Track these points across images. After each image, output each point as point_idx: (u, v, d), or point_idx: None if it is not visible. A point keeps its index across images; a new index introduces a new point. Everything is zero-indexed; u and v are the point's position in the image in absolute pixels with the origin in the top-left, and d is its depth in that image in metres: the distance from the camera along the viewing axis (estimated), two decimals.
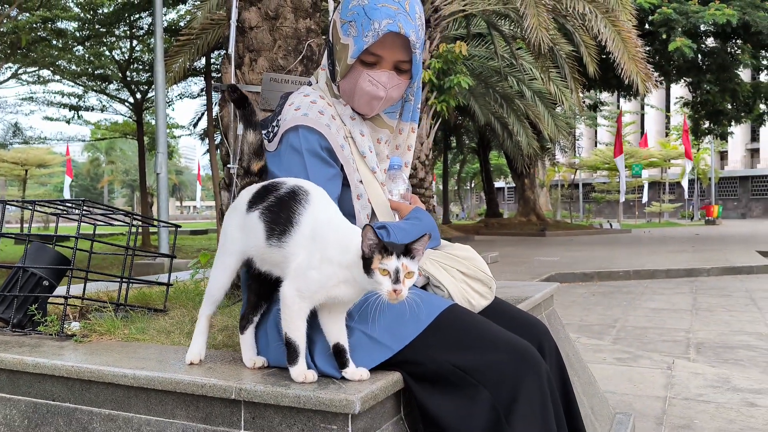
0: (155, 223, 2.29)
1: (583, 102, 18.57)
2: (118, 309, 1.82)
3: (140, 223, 1.96)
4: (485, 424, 1.22)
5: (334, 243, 1.21)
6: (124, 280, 1.88)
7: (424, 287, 1.47)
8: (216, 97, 15.32)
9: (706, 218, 32.23)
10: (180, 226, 2.13)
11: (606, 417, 2.45)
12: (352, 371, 1.22)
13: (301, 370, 1.22)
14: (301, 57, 2.16)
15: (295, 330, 1.21)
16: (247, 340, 1.36)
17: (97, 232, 1.98)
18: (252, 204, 1.31)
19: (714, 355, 4.47)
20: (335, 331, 1.25)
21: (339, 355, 1.24)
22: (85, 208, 1.77)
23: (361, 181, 1.49)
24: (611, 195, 34.23)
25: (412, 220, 1.46)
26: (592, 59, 10.45)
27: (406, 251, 1.16)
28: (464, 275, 1.45)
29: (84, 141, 28.94)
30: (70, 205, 1.88)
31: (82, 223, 1.81)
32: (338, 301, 1.23)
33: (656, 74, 15.16)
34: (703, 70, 15.85)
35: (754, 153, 55.56)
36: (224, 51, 2.21)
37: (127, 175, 56.82)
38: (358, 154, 1.50)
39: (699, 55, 15.26)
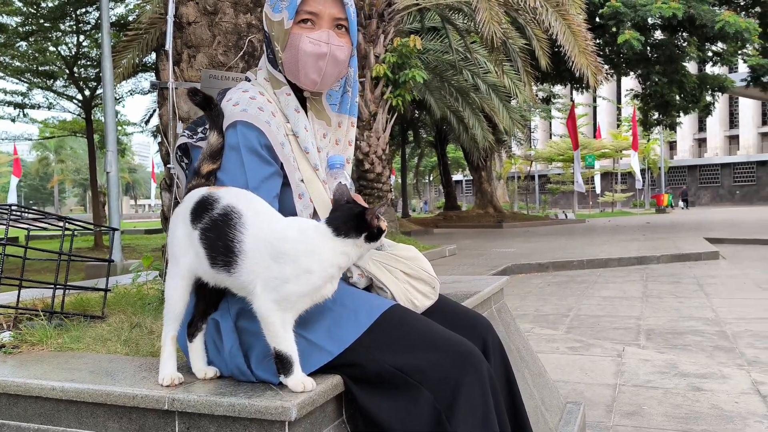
0: (92, 227, 2.21)
1: (537, 95, 18.84)
2: (52, 317, 1.74)
3: (75, 227, 1.89)
4: (427, 425, 1.20)
5: (305, 252, 1.18)
6: (58, 286, 1.80)
7: (367, 288, 1.45)
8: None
9: (657, 207, 33.14)
10: (118, 229, 2.06)
11: (556, 407, 2.47)
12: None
13: (298, 380, 1.17)
14: (242, 53, 2.11)
15: (284, 341, 1.17)
16: (196, 349, 1.30)
17: (45, 236, 1.89)
18: (194, 218, 1.25)
19: (663, 341, 4.59)
20: None
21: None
22: (14, 212, 1.69)
23: (302, 180, 1.45)
24: (566, 186, 34.90)
25: None
26: (544, 53, 10.58)
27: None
28: (407, 276, 1.43)
29: (31, 140, 27.99)
30: None
31: (19, 228, 1.74)
32: (322, 299, 1.22)
33: (606, 67, 15.50)
34: (651, 62, 16.25)
35: (701, 143, 57.44)
36: (162, 47, 2.14)
37: (78, 174, 55.37)
38: (300, 151, 1.47)
39: (647, 48, 15.63)
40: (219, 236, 1.20)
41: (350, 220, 1.21)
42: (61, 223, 1.80)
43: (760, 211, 31.69)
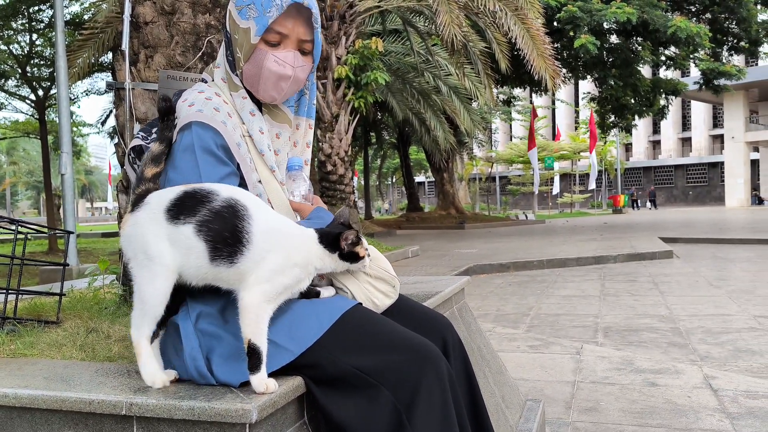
0: (46, 230, 2.15)
1: (497, 97, 19.07)
2: (4, 323, 1.70)
3: (28, 230, 1.84)
4: (387, 426, 1.21)
5: (296, 247, 1.27)
6: (10, 291, 1.75)
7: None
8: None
9: (614, 207, 33.89)
10: (73, 233, 2.01)
11: (517, 404, 2.51)
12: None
13: (262, 380, 1.18)
14: (200, 54, 2.08)
15: (261, 335, 1.20)
16: (153, 353, 1.29)
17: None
18: (176, 215, 1.24)
19: (620, 338, 4.69)
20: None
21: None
22: None
23: (260, 181, 1.45)
24: (526, 187, 35.42)
25: (314, 219, 1.44)
26: (504, 56, 10.72)
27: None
28: (368, 276, 1.44)
29: None
30: None
31: None
32: (295, 295, 1.29)
33: (564, 71, 15.80)
34: (607, 66, 16.63)
35: (655, 145, 59.01)
36: (119, 47, 2.10)
37: (32, 176, 53.85)
38: (256, 153, 1.47)
39: (603, 52, 16.00)
40: (225, 227, 1.22)
41: (332, 236, 1.33)
42: (13, 227, 1.76)
43: (712, 211, 32.73)
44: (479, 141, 27.97)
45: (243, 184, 1.42)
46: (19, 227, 1.77)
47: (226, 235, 1.21)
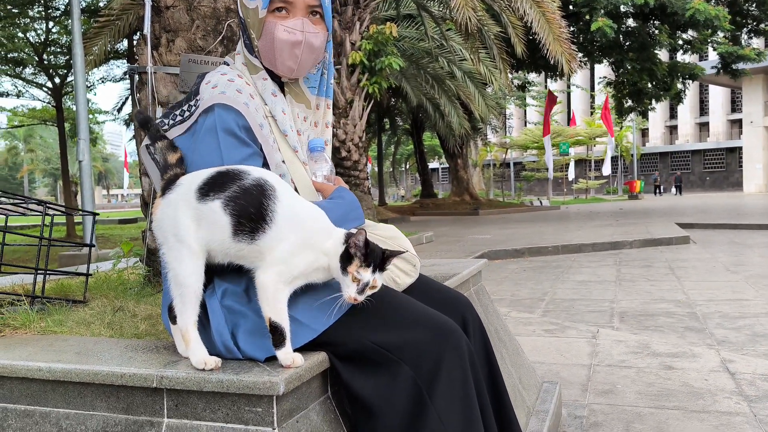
0: (72, 211, 2.20)
1: (512, 82, 18.93)
2: (34, 302, 1.74)
3: (55, 211, 1.88)
4: (408, 401, 1.24)
5: (317, 232, 1.28)
6: (39, 271, 1.79)
7: None
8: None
9: (630, 193, 33.61)
10: (98, 214, 2.05)
11: (533, 386, 2.54)
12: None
13: (289, 354, 1.21)
14: (220, 38, 2.10)
15: (280, 312, 1.22)
16: (179, 330, 1.31)
17: (19, 224, 1.88)
18: (206, 192, 1.26)
19: (636, 323, 4.69)
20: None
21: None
22: None
23: (283, 161, 1.47)
24: (540, 173, 35.20)
25: (336, 199, 1.46)
26: (519, 40, 10.63)
27: (382, 265, 1.27)
28: None
29: (0, 128, 27.35)
30: None
31: None
32: (311, 281, 1.29)
33: (580, 55, 15.64)
34: (624, 50, 16.42)
35: (672, 130, 58.30)
36: (140, 32, 2.13)
37: (49, 163, 54.38)
38: (279, 133, 1.48)
39: (620, 36, 15.80)
40: (251, 203, 1.25)
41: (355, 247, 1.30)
42: (40, 208, 1.79)
43: (730, 197, 32.37)
44: (494, 127, 27.80)
45: (266, 164, 1.44)
46: (47, 209, 1.81)
47: (251, 211, 1.24)
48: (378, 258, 1.26)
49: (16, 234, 1.82)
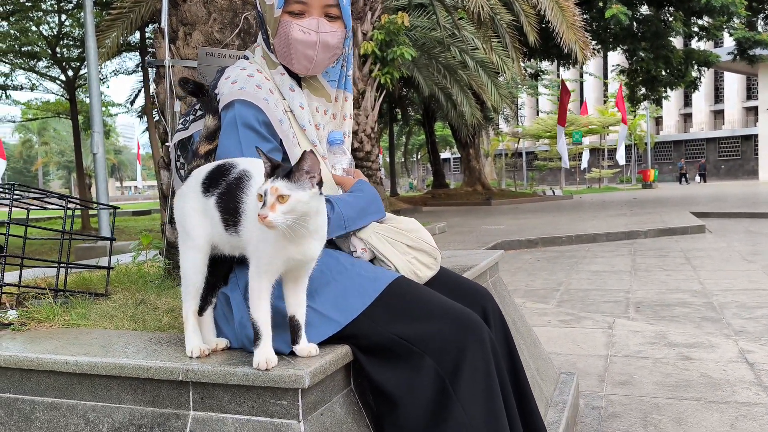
0: (92, 205, 2.21)
1: (525, 71, 18.79)
2: (57, 295, 1.76)
3: (76, 205, 1.89)
4: (431, 393, 1.24)
5: None
6: (61, 265, 1.81)
7: (371, 261, 1.48)
8: (153, 72, 14.82)
9: (643, 182, 33.35)
10: (119, 208, 2.07)
11: (551, 377, 2.53)
12: (301, 347, 1.22)
13: (261, 354, 1.17)
14: (237, 30, 2.10)
15: (257, 309, 1.18)
16: (206, 321, 1.33)
17: (32, 217, 1.90)
18: (207, 187, 1.27)
19: (652, 313, 4.67)
20: (293, 304, 1.24)
21: (293, 330, 1.23)
22: (16, 192, 1.69)
23: None
24: (553, 163, 35.00)
25: (356, 192, 1.46)
26: (532, 28, 10.53)
27: (287, 173, 1.11)
28: (410, 248, 1.46)
29: (14, 122, 27.57)
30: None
31: (14, 208, 1.74)
32: (296, 264, 1.20)
33: (593, 42, 15.48)
34: (638, 37, 16.24)
35: (687, 118, 57.71)
36: (157, 25, 2.13)
37: (63, 156, 54.83)
38: (298, 128, 1.49)
39: (634, 23, 15.62)
40: (231, 198, 1.23)
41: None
42: (62, 202, 1.81)
43: (745, 185, 32.04)
44: (506, 116, 27.64)
45: (286, 159, 1.44)
46: (68, 202, 1.83)
47: (230, 205, 1.23)
48: (283, 170, 1.11)
49: (39, 228, 1.84)
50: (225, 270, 1.34)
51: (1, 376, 1.34)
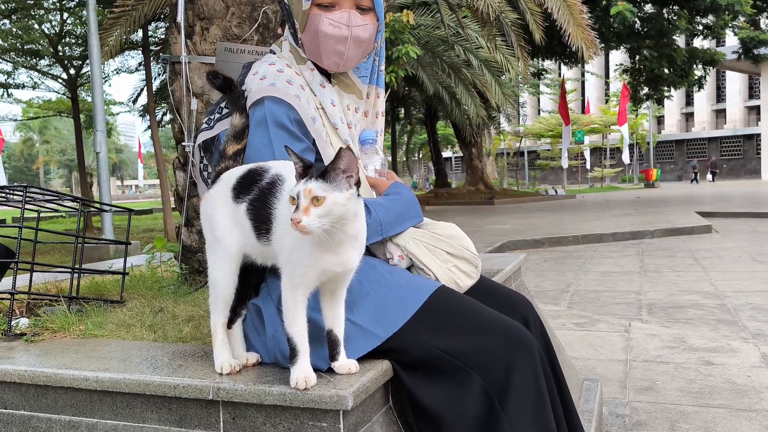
0: (107, 207, 2.13)
1: (528, 70, 18.68)
2: (71, 302, 1.68)
3: (90, 208, 1.81)
4: (478, 411, 1.16)
5: None
6: (75, 270, 1.73)
7: (408, 269, 1.39)
8: (155, 70, 14.63)
9: (646, 181, 33.26)
10: (134, 211, 1.98)
11: (575, 384, 2.45)
12: (341, 364, 1.14)
13: (298, 373, 1.08)
14: (256, 25, 2.02)
15: (292, 324, 1.09)
16: (235, 334, 1.25)
17: (30, 217, 1.82)
18: (238, 193, 1.19)
19: (666, 316, 4.59)
20: (331, 317, 1.15)
21: (331, 346, 1.15)
22: (28, 194, 1.61)
23: None
24: (555, 162, 34.93)
25: (392, 195, 1.38)
26: (537, 26, 10.43)
27: (322, 173, 1.01)
28: (450, 255, 1.37)
29: (15, 120, 27.45)
30: (10, 191, 1.71)
31: (29, 209, 1.66)
32: (333, 275, 1.11)
33: (598, 41, 15.37)
34: (642, 36, 16.15)
35: (688, 117, 57.64)
36: (172, 19, 2.04)
37: (64, 155, 54.79)
38: (330, 127, 1.40)
39: (638, 21, 15.53)
40: (263, 205, 1.15)
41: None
42: (76, 205, 1.73)
43: (747, 185, 31.95)
44: (507, 115, 27.55)
45: (319, 159, 1.36)
46: (82, 205, 1.75)
47: (262, 213, 1.15)
48: (318, 170, 1.02)
49: (50, 232, 1.76)
50: (256, 280, 1.26)
51: (16, 391, 1.26)
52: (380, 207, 1.32)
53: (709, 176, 43.74)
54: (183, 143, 2.00)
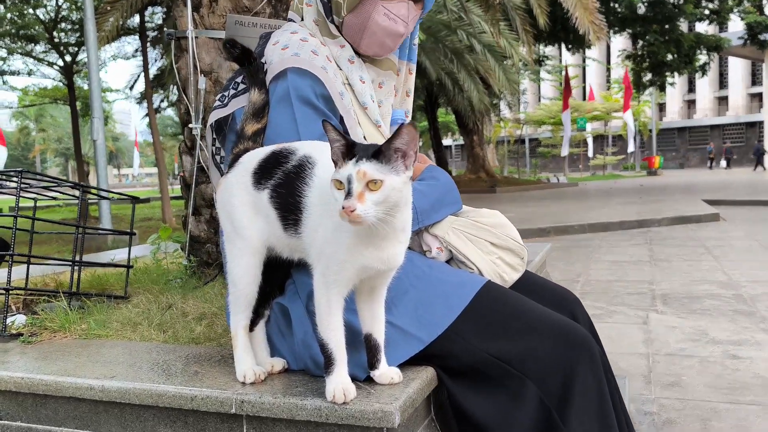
0: (109, 195, 1.99)
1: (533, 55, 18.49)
2: (72, 298, 1.54)
3: (90, 195, 1.67)
4: (534, 423, 1.02)
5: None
6: (75, 263, 1.59)
7: (447, 263, 1.25)
8: (152, 56, 14.35)
9: (648, 169, 33.11)
10: (139, 199, 1.84)
11: None
12: (382, 373, 1.00)
13: (336, 384, 0.94)
14: None
15: (327, 328, 0.95)
16: (257, 337, 1.10)
17: (25, 206, 1.66)
18: (260, 178, 1.04)
19: (681, 306, 4.46)
20: (369, 319, 1.01)
21: (370, 352, 1.01)
22: (24, 180, 1.47)
23: (365, 137, 1.23)
24: (557, 149, 34.77)
25: (428, 180, 1.23)
26: (542, 11, 10.29)
27: (375, 153, 0.88)
28: (494, 246, 1.23)
29: (11, 108, 27.19)
30: (3, 177, 1.57)
31: (26, 197, 1.52)
32: (373, 273, 0.96)
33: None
34: (648, 20, 15.95)
35: (690, 104, 57.40)
36: None
37: (60, 143, 54.56)
38: (358, 105, 1.25)
39: (643, 6, 15.33)
40: (291, 191, 1.00)
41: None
42: (77, 192, 1.58)
43: (751, 172, 31.80)
44: (508, 102, 27.34)
45: None
46: (83, 192, 1.60)
47: (290, 201, 1.00)
48: (368, 149, 0.89)
49: (49, 222, 1.62)
50: (281, 276, 1.11)
51: (12, 401, 1.12)
52: (417, 193, 1.17)
53: (723, 163, 43.32)
54: (190, 125, 1.85)
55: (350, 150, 0.88)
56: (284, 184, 1.01)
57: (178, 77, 1.90)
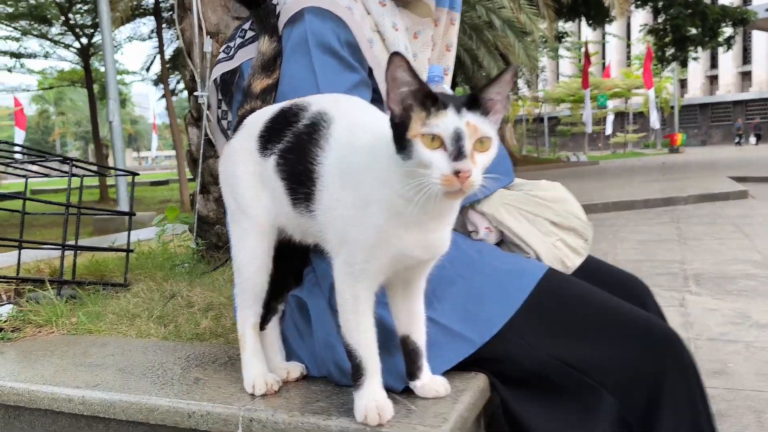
0: (105, 170, 1.83)
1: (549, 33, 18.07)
2: (62, 287, 1.37)
3: (84, 172, 1.50)
4: None
5: (366, 168, 0.74)
6: (67, 247, 1.42)
7: (497, 245, 1.05)
8: (168, 37, 14.29)
9: (670, 147, 32.55)
10: (138, 174, 1.67)
11: None
12: (425, 385, 0.81)
13: (368, 400, 0.76)
14: None
15: (355, 330, 0.77)
16: (269, 337, 0.93)
17: (48, 189, 1.50)
18: (266, 143, 0.85)
19: (715, 287, 4.26)
20: (405, 318, 0.82)
21: (409, 358, 0.82)
22: (6, 151, 1.30)
23: None
24: (576, 128, 34.27)
25: None
26: None
27: (472, 102, 0.68)
28: (555, 226, 1.02)
29: (29, 91, 27.27)
30: None
31: (15, 174, 1.35)
32: (412, 263, 0.77)
33: None
34: None
35: (713, 80, 56.23)
36: None
37: (80, 126, 54.93)
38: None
39: None
40: (299, 157, 0.80)
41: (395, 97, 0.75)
42: (66, 167, 1.41)
43: None
44: (527, 79, 26.91)
45: (376, 99, 0.99)
46: (73, 167, 1.43)
47: (299, 168, 0.81)
48: (459, 98, 0.70)
49: (37, 201, 1.45)
50: (297, 263, 0.92)
51: None
52: None
53: (752, 139, 42.35)
54: (195, 93, 1.67)
55: (432, 97, 0.68)
56: (293, 149, 0.82)
57: (182, 39, 1.71)
